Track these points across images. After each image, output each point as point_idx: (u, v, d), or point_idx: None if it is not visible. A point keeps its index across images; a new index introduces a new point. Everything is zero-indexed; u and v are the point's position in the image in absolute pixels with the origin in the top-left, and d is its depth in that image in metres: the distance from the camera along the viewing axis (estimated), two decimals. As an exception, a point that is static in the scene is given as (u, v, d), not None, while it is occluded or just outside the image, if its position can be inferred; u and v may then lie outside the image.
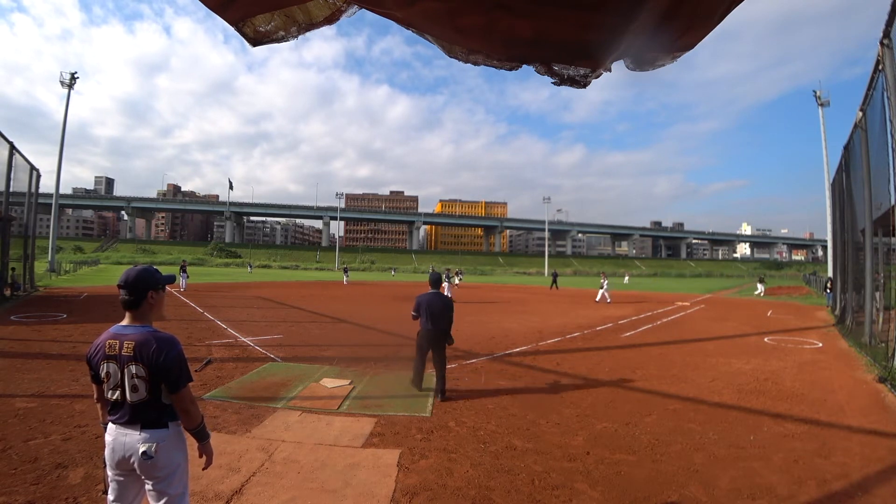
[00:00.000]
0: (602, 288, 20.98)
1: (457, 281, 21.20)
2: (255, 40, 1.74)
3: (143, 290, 1.97)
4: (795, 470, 3.70)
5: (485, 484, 3.37)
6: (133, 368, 1.89)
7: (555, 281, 31.67)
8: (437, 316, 5.50)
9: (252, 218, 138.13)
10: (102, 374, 1.93)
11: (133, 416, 1.92)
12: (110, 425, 1.96)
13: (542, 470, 3.61)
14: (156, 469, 1.92)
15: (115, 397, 1.93)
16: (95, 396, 2.05)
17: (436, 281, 5.85)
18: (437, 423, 4.58)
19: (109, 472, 1.96)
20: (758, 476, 3.57)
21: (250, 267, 54.69)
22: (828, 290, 11.77)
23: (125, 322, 1.98)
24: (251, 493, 3.13)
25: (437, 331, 5.51)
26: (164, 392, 1.95)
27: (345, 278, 33.60)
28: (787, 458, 3.92)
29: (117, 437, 1.92)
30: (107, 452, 1.95)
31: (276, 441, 4.02)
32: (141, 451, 1.88)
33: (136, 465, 1.91)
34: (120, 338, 1.93)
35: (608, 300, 20.16)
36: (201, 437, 2.06)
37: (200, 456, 2.09)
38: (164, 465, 1.94)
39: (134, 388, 1.90)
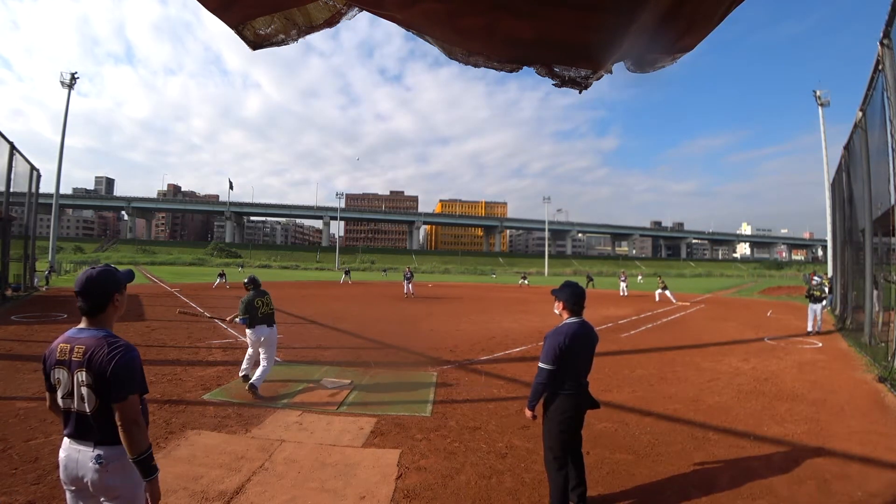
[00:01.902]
0: (623, 282, 25.08)
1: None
2: (256, 43, 1.74)
3: (108, 293, 1.80)
4: (795, 470, 3.70)
5: (485, 484, 3.37)
6: (81, 375, 1.71)
7: (590, 281, 31.72)
8: (585, 364, 3.06)
9: (252, 218, 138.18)
10: (53, 381, 1.77)
11: (83, 429, 1.75)
12: (64, 440, 1.79)
13: (542, 470, 3.61)
14: (112, 490, 1.74)
15: (66, 407, 1.77)
16: (48, 404, 1.86)
17: (579, 297, 3.02)
18: (438, 423, 4.58)
19: (65, 487, 1.80)
20: (758, 476, 3.58)
21: (241, 267, 54.35)
22: (814, 290, 11.28)
23: (82, 325, 1.81)
24: (252, 493, 3.14)
25: (586, 392, 3.07)
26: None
27: (343, 278, 35.01)
28: (787, 458, 3.92)
29: (70, 454, 1.76)
30: (60, 470, 1.78)
31: (276, 441, 4.03)
32: (93, 458, 1.72)
33: (89, 485, 1.74)
34: (72, 342, 1.76)
35: (626, 294, 24.28)
36: (146, 471, 1.74)
37: (144, 499, 1.81)
38: (121, 486, 1.75)
39: (82, 398, 1.73)
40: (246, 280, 5.88)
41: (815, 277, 12.19)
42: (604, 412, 5.08)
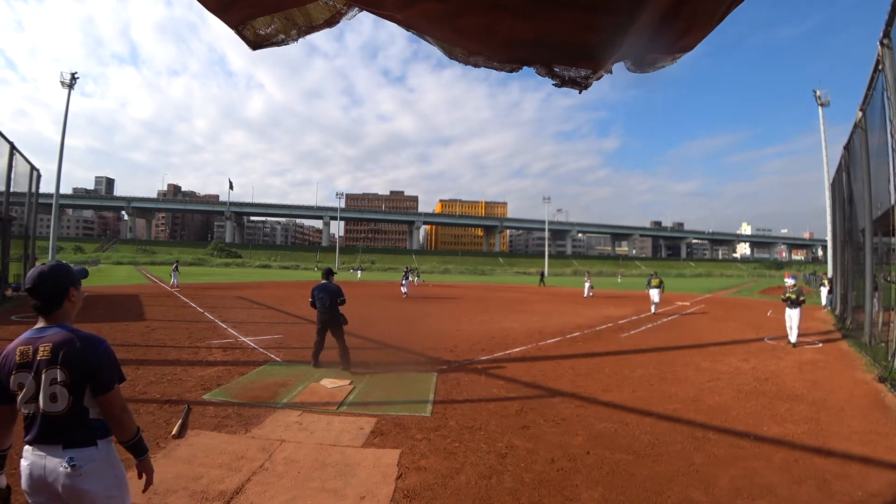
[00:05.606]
0: (587, 284, 24.13)
1: (413, 280, 24.04)
2: (256, 43, 1.74)
3: (63, 288, 1.73)
4: (795, 470, 3.70)
5: (485, 484, 3.37)
6: (52, 373, 1.61)
7: (542, 279, 36.40)
8: (324, 301, 6.87)
9: (252, 218, 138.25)
10: (14, 387, 1.64)
11: (51, 432, 1.64)
12: (25, 448, 1.68)
13: (542, 470, 3.62)
14: (86, 495, 1.63)
15: (29, 412, 1.65)
16: None
17: (327, 273, 7.27)
18: (438, 423, 4.58)
19: (29, 501, 1.68)
20: (758, 476, 3.58)
21: (357, 269, 48.02)
22: (789, 293, 9.65)
23: (40, 325, 1.72)
24: (252, 493, 3.14)
25: (329, 312, 6.86)
26: (89, 402, 1.68)
27: (359, 274, 38.47)
28: (787, 458, 3.92)
29: (35, 461, 1.64)
30: (23, 481, 1.66)
31: (276, 441, 4.03)
32: (64, 462, 1.61)
33: (61, 491, 1.62)
34: (34, 342, 1.66)
35: (591, 295, 23.32)
36: (137, 451, 1.77)
37: (140, 476, 1.79)
38: (96, 491, 1.64)
39: (52, 398, 1.62)
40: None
41: (788, 279, 10.18)
42: (604, 412, 5.10)
